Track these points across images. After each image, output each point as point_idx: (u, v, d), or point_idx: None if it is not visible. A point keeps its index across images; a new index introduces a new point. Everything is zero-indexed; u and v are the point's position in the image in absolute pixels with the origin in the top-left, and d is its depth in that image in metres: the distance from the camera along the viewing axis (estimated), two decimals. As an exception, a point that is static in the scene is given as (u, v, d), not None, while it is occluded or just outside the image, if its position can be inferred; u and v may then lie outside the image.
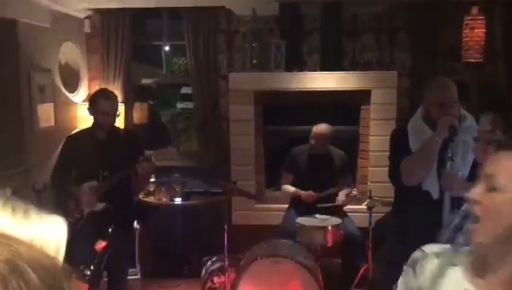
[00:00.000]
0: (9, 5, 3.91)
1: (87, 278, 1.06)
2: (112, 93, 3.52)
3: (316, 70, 4.84)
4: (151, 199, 4.58)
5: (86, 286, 1.04)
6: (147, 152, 4.38)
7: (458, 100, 2.66)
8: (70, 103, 4.88)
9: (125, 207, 3.49)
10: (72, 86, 4.96)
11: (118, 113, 3.43)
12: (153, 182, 4.60)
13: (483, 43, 4.48)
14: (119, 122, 4.56)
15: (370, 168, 4.72)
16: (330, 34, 4.83)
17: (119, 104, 3.54)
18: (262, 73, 4.73)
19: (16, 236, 0.56)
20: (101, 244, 1.27)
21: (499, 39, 4.72)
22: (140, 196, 4.58)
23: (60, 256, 0.70)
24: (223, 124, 5.06)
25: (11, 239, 0.52)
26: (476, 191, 1.07)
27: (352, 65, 4.88)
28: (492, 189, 1.05)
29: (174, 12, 5.03)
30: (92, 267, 1.11)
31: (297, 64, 4.87)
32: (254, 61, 4.83)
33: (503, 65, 4.75)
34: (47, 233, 0.69)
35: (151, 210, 4.66)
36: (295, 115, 4.85)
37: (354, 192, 4.64)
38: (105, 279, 3.42)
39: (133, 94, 5.40)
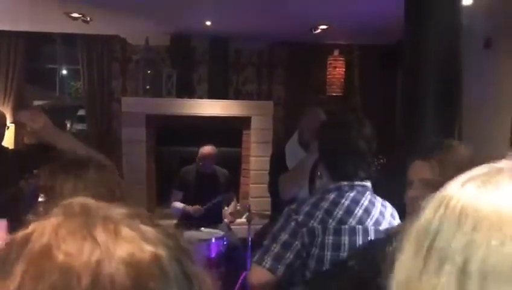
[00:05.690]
0: None
1: None
2: None
3: (204, 98, 4.98)
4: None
5: None
6: (36, 171, 4.13)
7: None
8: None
9: (15, 227, 3.26)
10: (-43, 105, 4.53)
11: (7, 126, 3.28)
12: (41, 202, 4.33)
13: (343, 80, 4.97)
14: (9, 142, 4.27)
15: (251, 185, 4.93)
16: (217, 66, 5.02)
17: (9, 124, 3.36)
18: (154, 98, 4.75)
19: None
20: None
21: (356, 77, 5.28)
22: (31, 217, 4.29)
23: None
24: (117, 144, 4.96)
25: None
26: None
27: (235, 94, 5.10)
28: None
29: (69, 38, 4.87)
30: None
31: (188, 91, 4.97)
32: (148, 86, 4.83)
33: (360, 98, 5.30)
34: None
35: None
36: (185, 137, 4.92)
37: (238, 207, 4.79)
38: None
39: (25, 115, 5.08)
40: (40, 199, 4.04)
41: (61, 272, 0.38)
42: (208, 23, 4.35)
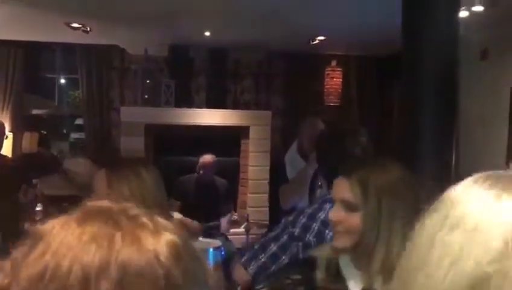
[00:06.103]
0: None
1: None
2: None
3: (202, 107, 5.00)
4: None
5: None
6: (34, 180, 4.12)
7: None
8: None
9: (12, 235, 3.25)
10: (-44, 114, 4.53)
11: (5, 135, 3.29)
12: (39, 211, 4.32)
13: (340, 90, 5.00)
14: (7, 151, 4.26)
15: (249, 195, 4.93)
16: (216, 76, 5.06)
17: (7, 133, 3.37)
18: (153, 108, 4.76)
19: None
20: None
21: (353, 87, 5.31)
22: (27, 226, 4.26)
23: None
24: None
25: None
26: None
27: (234, 104, 5.12)
28: None
29: (68, 47, 4.89)
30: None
31: (186, 101, 4.99)
32: (146, 96, 4.86)
33: (357, 108, 5.32)
34: None
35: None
36: (184, 147, 4.92)
37: (235, 216, 4.78)
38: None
39: (24, 124, 5.08)
40: (38, 208, 4.01)
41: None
42: (207, 33, 4.38)
